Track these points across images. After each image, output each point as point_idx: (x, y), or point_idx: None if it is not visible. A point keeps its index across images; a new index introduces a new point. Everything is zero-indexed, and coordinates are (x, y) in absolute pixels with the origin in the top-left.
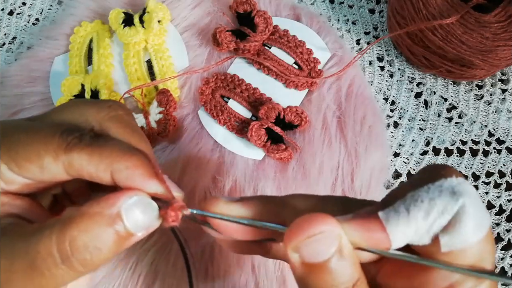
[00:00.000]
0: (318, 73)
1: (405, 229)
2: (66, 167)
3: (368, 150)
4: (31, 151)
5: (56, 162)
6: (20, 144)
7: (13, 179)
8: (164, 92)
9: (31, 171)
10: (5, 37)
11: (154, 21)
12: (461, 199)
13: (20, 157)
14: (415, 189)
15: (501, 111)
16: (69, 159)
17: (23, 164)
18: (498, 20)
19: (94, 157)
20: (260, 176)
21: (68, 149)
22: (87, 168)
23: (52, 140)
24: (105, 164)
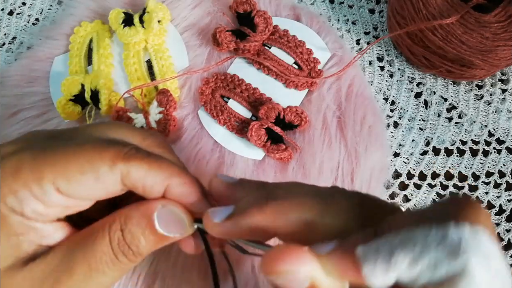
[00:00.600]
0: (318, 73)
1: (382, 274)
2: (124, 176)
3: (368, 150)
4: (83, 161)
5: (113, 171)
6: (69, 157)
7: (55, 201)
8: (164, 92)
9: (85, 183)
10: (5, 37)
11: (154, 21)
12: (464, 258)
13: (72, 169)
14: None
15: (501, 111)
16: (128, 168)
17: (76, 177)
18: (498, 20)
19: (153, 169)
20: (260, 176)
21: (127, 158)
22: (145, 179)
23: (107, 150)
24: (164, 177)
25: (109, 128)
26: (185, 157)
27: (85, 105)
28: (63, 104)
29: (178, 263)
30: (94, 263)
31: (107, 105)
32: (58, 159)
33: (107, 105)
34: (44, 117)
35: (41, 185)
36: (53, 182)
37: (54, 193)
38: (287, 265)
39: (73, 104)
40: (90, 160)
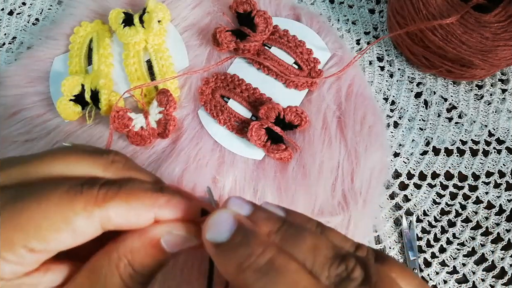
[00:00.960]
0: (318, 73)
1: None
2: (104, 222)
3: (368, 150)
4: (55, 220)
5: (90, 221)
6: (38, 216)
7: (34, 260)
8: (164, 92)
9: (62, 240)
10: (5, 37)
11: (154, 21)
12: None
13: (45, 229)
14: None
15: (501, 111)
16: (106, 212)
17: (51, 237)
18: (498, 20)
19: (133, 203)
20: (260, 176)
21: (101, 201)
22: (127, 217)
23: (76, 198)
24: (147, 206)
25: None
26: (185, 157)
27: (85, 105)
28: (63, 104)
29: (178, 263)
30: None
31: (107, 105)
32: (27, 220)
33: (107, 105)
34: (44, 117)
35: (14, 251)
36: (25, 245)
37: (28, 254)
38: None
39: (73, 104)
40: (63, 217)
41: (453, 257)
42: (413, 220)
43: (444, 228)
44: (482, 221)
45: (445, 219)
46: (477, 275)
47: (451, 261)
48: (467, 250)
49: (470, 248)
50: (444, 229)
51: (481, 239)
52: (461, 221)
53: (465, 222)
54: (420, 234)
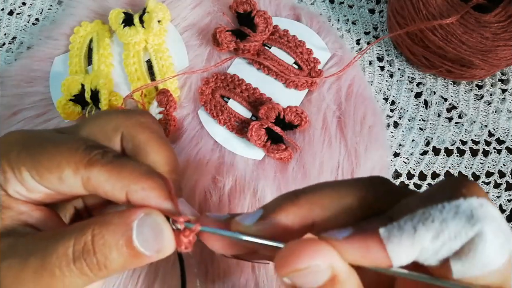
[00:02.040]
0: (318, 73)
1: (408, 249)
2: (85, 182)
3: (368, 150)
4: (52, 162)
5: (75, 176)
6: (44, 154)
7: (35, 187)
8: (164, 92)
9: (51, 181)
10: (5, 37)
11: (154, 21)
12: (478, 224)
13: (42, 166)
14: (429, 205)
15: (501, 111)
16: (88, 174)
17: (43, 174)
18: (498, 20)
19: (113, 175)
20: (260, 176)
21: (89, 165)
22: (104, 186)
23: (75, 154)
24: (122, 183)
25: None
26: (185, 157)
27: (85, 105)
28: (63, 104)
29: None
30: (48, 263)
31: (107, 105)
32: (36, 154)
33: (107, 105)
34: (44, 117)
35: (21, 171)
36: (29, 171)
37: (31, 180)
38: (306, 261)
39: (73, 104)
40: (58, 162)
41: None
42: None
43: None
44: None
45: None
46: None
47: None
48: None
49: None
50: None
51: None
52: None
53: None
54: None
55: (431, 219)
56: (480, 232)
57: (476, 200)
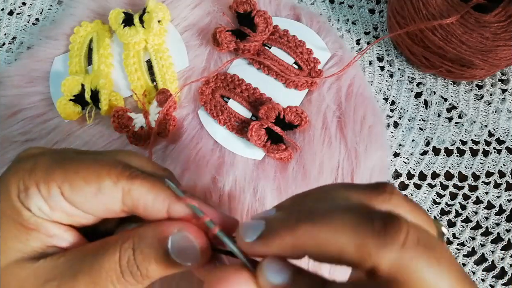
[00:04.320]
0: (318, 73)
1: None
2: (125, 193)
3: (368, 150)
4: (91, 173)
5: (115, 187)
6: (81, 166)
7: (60, 205)
8: (164, 92)
9: (86, 193)
10: (5, 37)
11: (154, 21)
12: None
13: (79, 177)
14: None
15: (501, 111)
16: (130, 185)
17: (80, 185)
18: (498, 20)
19: (155, 188)
20: (260, 176)
21: (131, 177)
22: (145, 198)
23: (115, 167)
24: (165, 196)
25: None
26: (185, 157)
27: (85, 105)
28: (63, 104)
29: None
30: (99, 278)
31: (107, 105)
32: (70, 167)
33: (107, 105)
34: (44, 117)
35: (49, 186)
36: (59, 186)
37: (59, 196)
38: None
39: (73, 104)
40: (97, 173)
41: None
42: None
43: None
44: (482, 221)
45: (445, 219)
46: (477, 275)
47: None
48: (467, 250)
49: (470, 248)
50: None
51: (481, 239)
52: (461, 221)
53: (465, 222)
54: None
55: None
56: None
57: None
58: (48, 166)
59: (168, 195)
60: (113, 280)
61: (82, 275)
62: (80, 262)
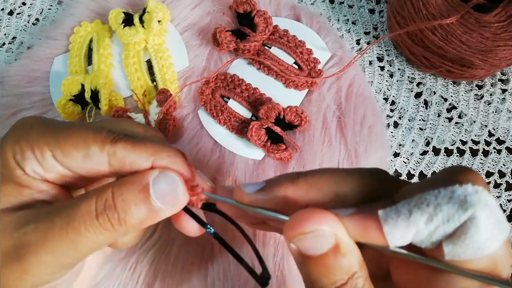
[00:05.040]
0: (318, 73)
1: (403, 231)
2: (110, 156)
3: (368, 150)
4: (79, 140)
5: (101, 151)
6: (70, 133)
7: (53, 167)
8: (164, 92)
9: (75, 158)
10: (5, 37)
11: (154, 21)
12: (471, 209)
13: (69, 144)
14: (427, 190)
15: (501, 111)
16: (114, 148)
17: (70, 151)
18: (498, 20)
19: (138, 148)
20: (260, 176)
21: (114, 141)
22: (130, 156)
23: (100, 134)
24: (147, 153)
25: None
26: None
27: (85, 105)
28: (63, 104)
29: (178, 263)
30: (73, 220)
31: (107, 105)
32: (61, 135)
33: (107, 105)
34: None
35: (42, 151)
36: (51, 150)
37: (51, 159)
38: (313, 225)
39: (73, 104)
40: (84, 140)
41: None
42: None
43: None
44: None
45: None
46: None
47: None
48: None
49: None
50: None
51: None
52: None
53: None
54: None
55: (426, 203)
56: (473, 217)
57: (471, 187)
58: (41, 132)
59: (150, 152)
60: (86, 222)
61: (59, 218)
62: (59, 208)
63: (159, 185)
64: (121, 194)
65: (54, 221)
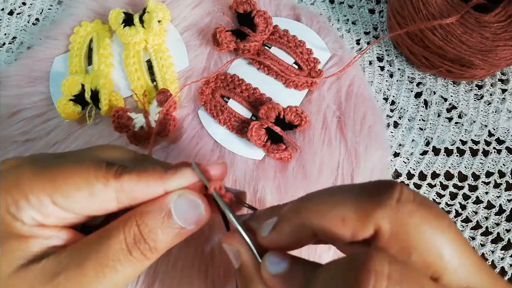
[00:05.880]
0: (318, 73)
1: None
2: (118, 191)
3: (368, 150)
4: (79, 179)
5: (106, 188)
6: (67, 173)
7: (53, 212)
8: (164, 92)
9: (79, 200)
10: (5, 37)
11: (154, 21)
12: None
13: (69, 185)
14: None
15: (501, 111)
16: (120, 183)
17: (71, 193)
18: (498, 20)
19: (143, 177)
20: (260, 176)
21: (117, 175)
22: (139, 188)
23: (100, 169)
24: (156, 179)
25: (107, 149)
26: (185, 157)
27: (85, 105)
28: (63, 104)
29: (178, 263)
30: (106, 260)
31: (107, 105)
32: (56, 175)
33: (107, 105)
34: (44, 117)
35: (39, 198)
36: (49, 195)
37: (51, 205)
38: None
39: (73, 104)
40: (85, 178)
41: None
42: None
43: None
44: (482, 221)
45: None
46: None
47: None
48: None
49: None
50: None
51: (481, 239)
52: (461, 221)
53: (465, 222)
54: None
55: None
56: None
57: None
58: (33, 175)
59: (158, 177)
60: (120, 259)
61: (89, 262)
62: (85, 251)
63: (181, 208)
64: (146, 225)
65: (86, 266)
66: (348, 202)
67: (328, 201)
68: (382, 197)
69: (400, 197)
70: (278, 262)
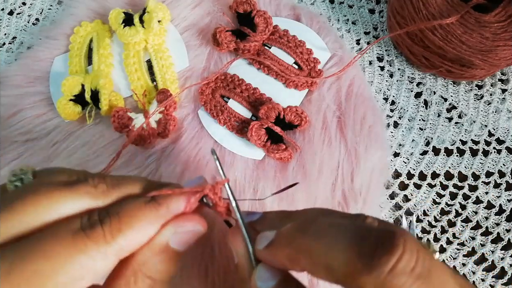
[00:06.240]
0: (318, 73)
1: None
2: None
3: (368, 150)
4: (74, 271)
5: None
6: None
7: None
8: (164, 92)
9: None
10: (5, 37)
11: (154, 21)
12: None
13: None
14: None
15: (501, 111)
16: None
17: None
18: (498, 20)
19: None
20: (260, 176)
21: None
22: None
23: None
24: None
25: (45, 203)
26: (185, 157)
27: (85, 105)
28: (63, 104)
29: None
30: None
31: (107, 105)
32: (38, 279)
33: (107, 105)
34: (44, 117)
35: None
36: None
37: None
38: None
39: (73, 104)
40: (81, 264)
41: (453, 257)
42: (413, 220)
43: (444, 228)
44: (482, 221)
45: (445, 219)
46: (477, 275)
47: (451, 261)
48: (467, 250)
49: (470, 248)
50: (444, 229)
51: (481, 239)
52: (461, 221)
53: (465, 222)
54: (420, 234)
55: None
56: None
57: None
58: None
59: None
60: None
61: None
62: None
63: (177, 239)
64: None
65: None
66: (341, 254)
67: (322, 242)
68: (374, 262)
69: (395, 265)
70: (267, 278)
